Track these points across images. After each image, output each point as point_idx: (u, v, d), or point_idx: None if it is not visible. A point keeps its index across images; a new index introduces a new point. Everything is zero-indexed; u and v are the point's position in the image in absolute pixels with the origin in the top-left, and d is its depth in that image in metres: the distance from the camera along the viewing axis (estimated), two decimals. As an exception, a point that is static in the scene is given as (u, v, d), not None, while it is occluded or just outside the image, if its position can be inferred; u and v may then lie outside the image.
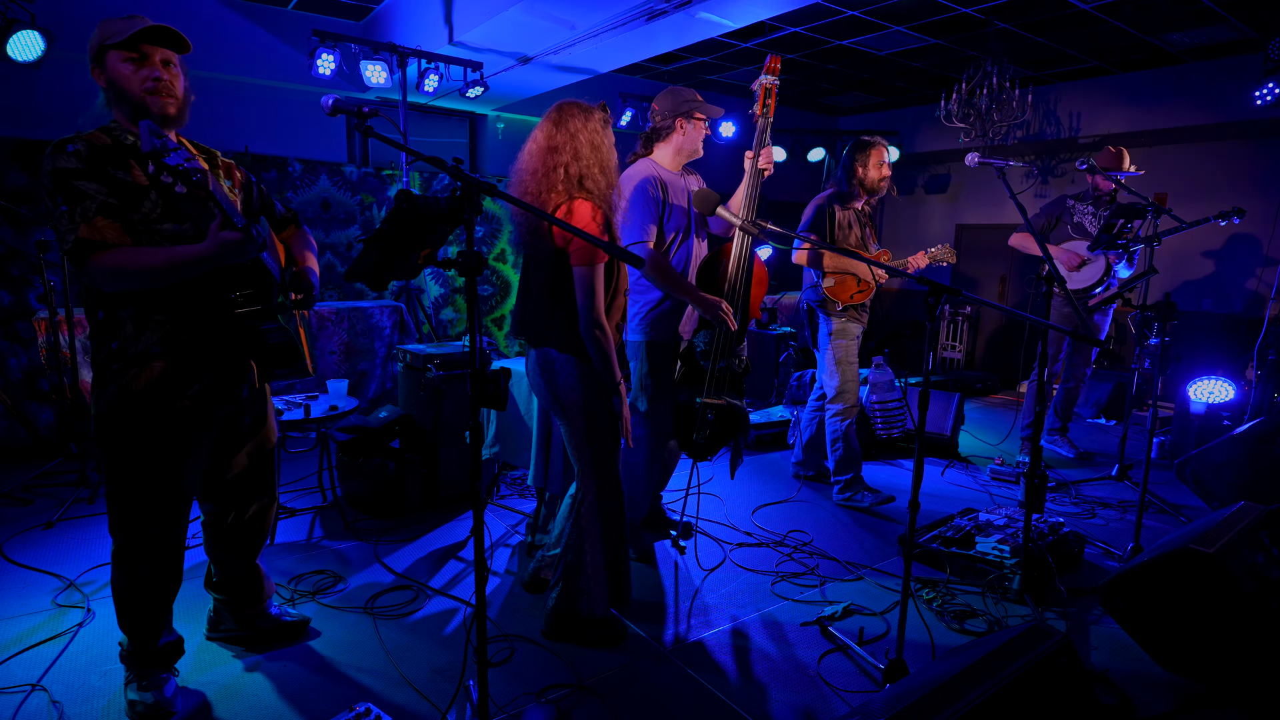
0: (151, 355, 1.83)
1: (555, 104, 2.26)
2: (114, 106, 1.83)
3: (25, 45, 3.91)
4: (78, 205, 1.69)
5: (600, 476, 2.31)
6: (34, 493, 3.67)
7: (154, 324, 1.83)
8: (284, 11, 5.73)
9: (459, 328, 6.49)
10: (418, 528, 3.36)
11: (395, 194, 5.35)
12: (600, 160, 2.19)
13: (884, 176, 3.65)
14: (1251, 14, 5.05)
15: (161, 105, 1.80)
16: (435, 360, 3.54)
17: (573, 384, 2.25)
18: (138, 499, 1.90)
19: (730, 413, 2.83)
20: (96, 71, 1.81)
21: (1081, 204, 4.48)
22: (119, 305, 1.82)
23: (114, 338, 1.82)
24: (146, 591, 1.99)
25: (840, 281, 3.65)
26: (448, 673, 2.25)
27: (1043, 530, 3.08)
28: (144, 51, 1.79)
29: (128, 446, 1.87)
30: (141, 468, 1.89)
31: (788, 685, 2.25)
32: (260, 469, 2.22)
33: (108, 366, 1.84)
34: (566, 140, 2.17)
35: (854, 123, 8.98)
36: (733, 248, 2.80)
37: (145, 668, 2.03)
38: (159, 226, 1.80)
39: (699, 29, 4.69)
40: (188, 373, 1.88)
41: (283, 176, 5.62)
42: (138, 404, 1.83)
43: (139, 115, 1.79)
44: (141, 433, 1.86)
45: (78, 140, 1.75)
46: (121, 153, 1.79)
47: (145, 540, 1.94)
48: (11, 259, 4.36)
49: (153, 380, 1.83)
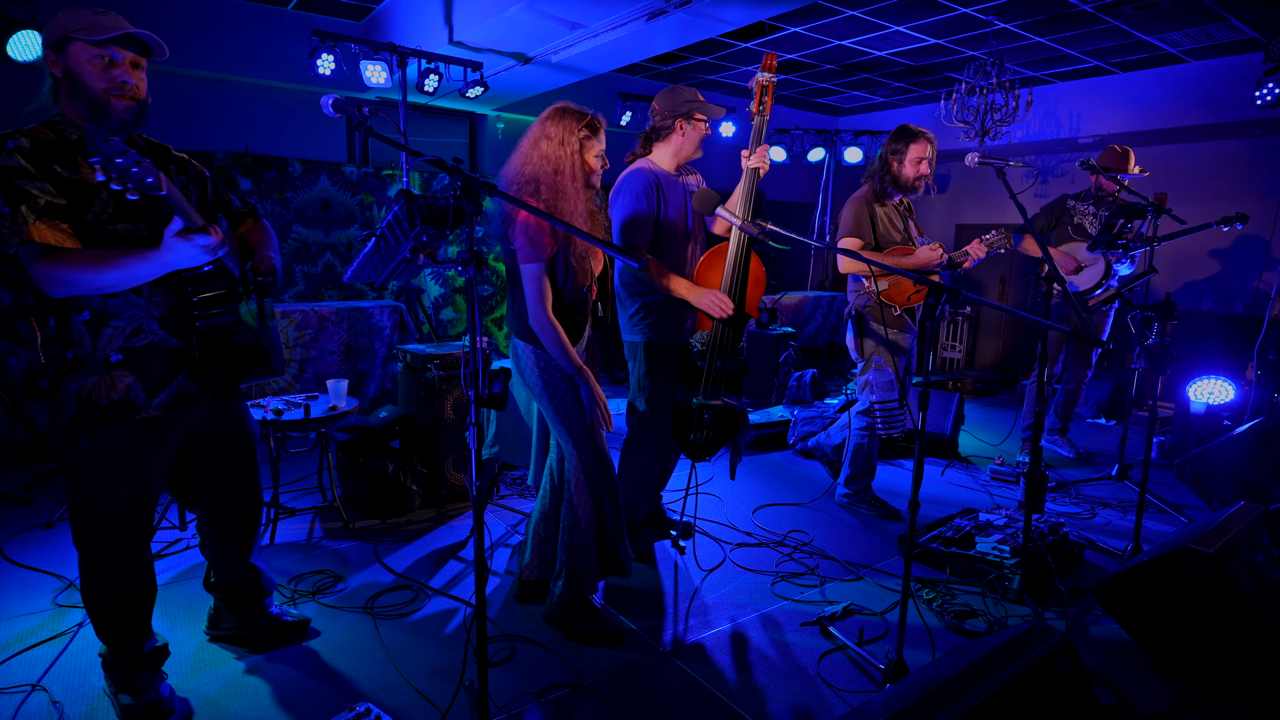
0: (111, 364, 1.75)
1: (550, 108, 2.33)
2: (66, 99, 1.72)
3: (25, 45, 3.91)
4: (20, 206, 1.59)
5: (581, 451, 2.38)
6: (34, 493, 3.67)
7: (111, 330, 1.75)
8: (284, 11, 5.73)
9: (459, 328, 6.49)
10: (418, 528, 3.36)
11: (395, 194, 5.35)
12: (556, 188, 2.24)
13: (920, 175, 3.31)
14: (1251, 14, 5.05)
15: (124, 109, 1.73)
16: (435, 360, 3.54)
17: (531, 367, 2.37)
18: (102, 511, 1.84)
19: (728, 413, 2.83)
20: (52, 59, 1.71)
21: (1082, 204, 4.47)
22: (72, 311, 1.73)
23: (69, 346, 1.73)
24: (120, 600, 1.94)
25: (895, 281, 3.30)
26: (448, 673, 2.25)
27: (1043, 530, 3.08)
28: (115, 52, 1.72)
29: (89, 459, 1.78)
30: (105, 480, 1.81)
31: (787, 685, 2.25)
32: (243, 469, 2.17)
33: (63, 376, 1.75)
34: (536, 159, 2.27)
35: (854, 123, 8.98)
36: (729, 248, 2.80)
37: (132, 674, 1.99)
38: (112, 227, 1.70)
39: (699, 29, 4.69)
40: (153, 381, 1.80)
41: (283, 176, 5.62)
42: (101, 416, 1.75)
43: (96, 114, 1.71)
44: (104, 444, 1.78)
45: (18, 136, 1.65)
46: (68, 149, 1.69)
47: (113, 551, 1.90)
48: (11, 259, 4.36)
49: (115, 390, 1.76)
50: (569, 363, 2.31)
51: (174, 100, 5.45)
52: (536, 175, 2.24)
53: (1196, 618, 2.17)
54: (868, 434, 3.61)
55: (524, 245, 2.21)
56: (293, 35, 5.72)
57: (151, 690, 2.00)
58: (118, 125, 1.73)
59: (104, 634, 1.99)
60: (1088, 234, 4.39)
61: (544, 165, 2.25)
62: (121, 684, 2.00)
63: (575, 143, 2.27)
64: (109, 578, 1.93)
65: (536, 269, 2.23)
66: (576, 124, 2.28)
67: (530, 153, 2.28)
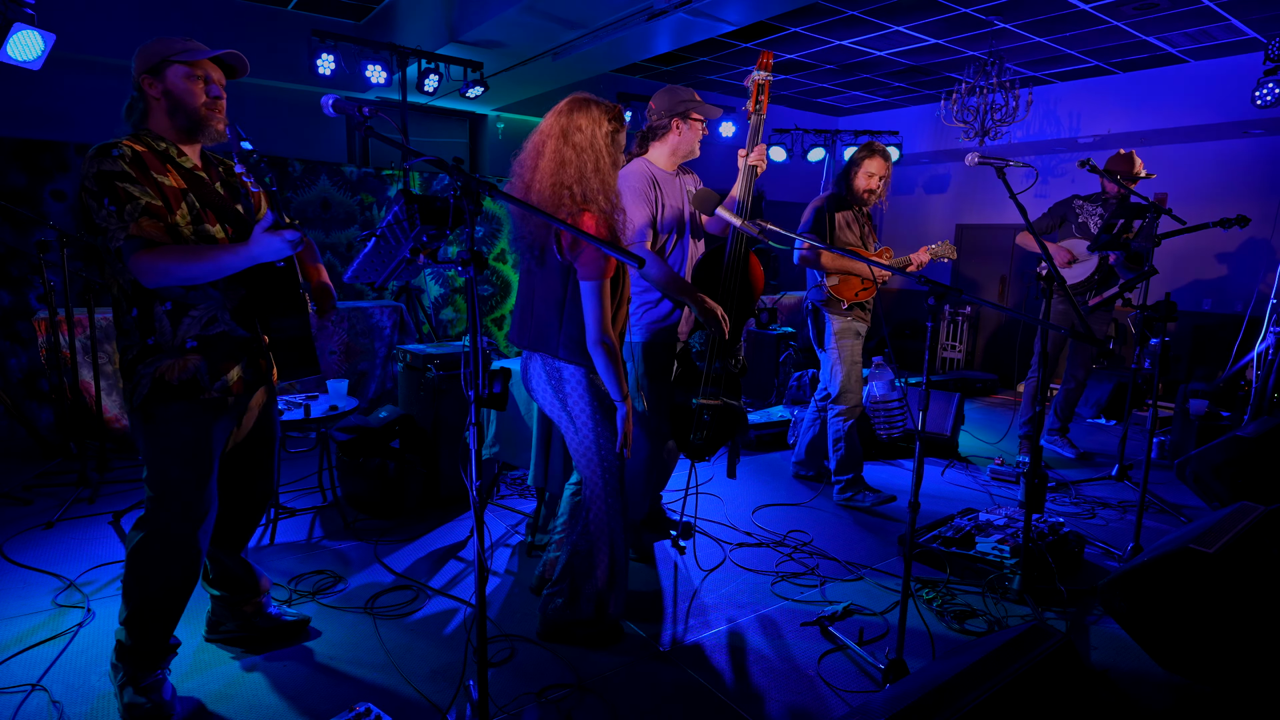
0: (186, 350, 1.92)
1: (567, 100, 2.21)
2: (162, 116, 1.93)
3: (25, 45, 3.90)
4: (125, 205, 1.78)
5: (608, 485, 2.30)
6: (34, 493, 3.67)
7: (189, 319, 1.92)
8: (284, 11, 5.73)
9: (459, 328, 6.49)
10: (418, 528, 3.36)
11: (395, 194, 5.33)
12: (603, 180, 2.15)
13: (870, 189, 3.61)
14: (1251, 14, 5.06)
15: (218, 120, 1.96)
16: (435, 360, 3.54)
17: (581, 394, 2.24)
18: (178, 491, 1.94)
19: (727, 413, 2.83)
20: (149, 81, 1.91)
21: (1090, 204, 4.47)
22: (155, 301, 1.89)
23: (150, 333, 1.90)
24: (177, 591, 2.00)
25: (844, 280, 3.65)
26: (448, 673, 2.25)
27: (1043, 530, 3.08)
28: (208, 71, 1.94)
29: (163, 435, 1.92)
30: (177, 457, 1.93)
31: (787, 685, 2.25)
32: (266, 464, 2.27)
33: (141, 360, 1.90)
34: (572, 157, 2.13)
35: (854, 123, 8.98)
36: (728, 248, 2.80)
37: (144, 668, 2.01)
38: (196, 228, 1.91)
39: (699, 29, 4.69)
40: (217, 366, 1.96)
41: (283, 176, 5.61)
42: (170, 394, 1.90)
43: (194, 128, 1.94)
44: (173, 420, 1.92)
45: (120, 145, 1.84)
46: (159, 159, 1.90)
47: (183, 534, 1.96)
48: (11, 259, 4.37)
49: (185, 371, 1.91)
50: (619, 388, 2.19)
51: (174, 100, 5.44)
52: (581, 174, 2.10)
53: (1197, 618, 2.17)
54: (841, 419, 3.75)
55: (593, 260, 2.07)
56: (293, 35, 5.73)
57: (155, 693, 2.00)
58: (214, 137, 1.98)
59: (138, 622, 1.99)
60: (1090, 234, 4.40)
61: (583, 162, 2.11)
62: (131, 679, 2.00)
63: (605, 134, 2.16)
64: (174, 567, 1.97)
65: (602, 285, 2.10)
66: (603, 115, 2.17)
67: (562, 150, 2.13)
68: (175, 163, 1.93)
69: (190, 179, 1.95)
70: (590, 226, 2.11)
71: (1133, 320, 3.52)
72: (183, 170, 1.94)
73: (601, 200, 2.14)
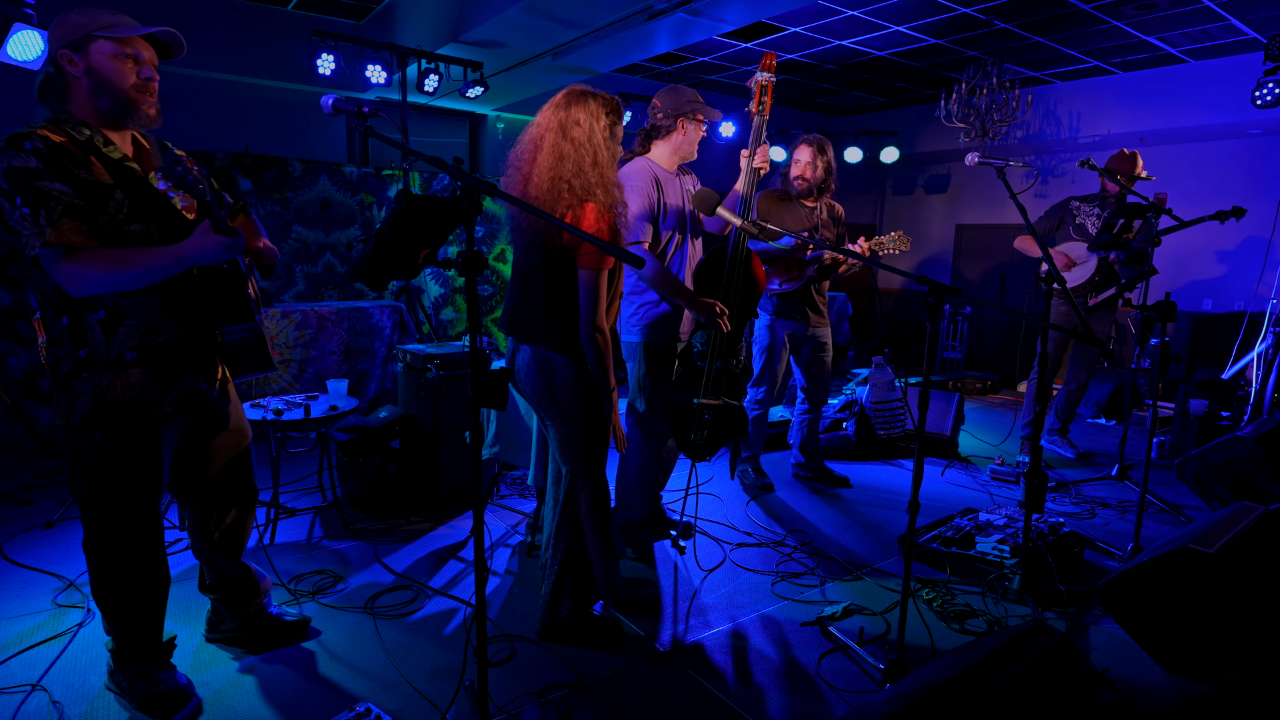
0: (125, 362, 1.77)
1: (564, 93, 2.19)
2: (85, 98, 1.73)
3: (25, 45, 3.90)
4: (41, 207, 1.59)
5: (593, 476, 2.32)
6: (34, 493, 3.67)
7: (126, 329, 1.76)
8: (284, 11, 5.73)
9: (459, 328, 6.49)
10: (418, 528, 3.36)
11: (395, 194, 5.35)
12: (601, 174, 2.15)
13: (799, 175, 3.57)
14: (1251, 14, 5.06)
15: (149, 104, 1.77)
16: (435, 360, 3.54)
17: (571, 385, 2.24)
18: (120, 508, 1.85)
19: (727, 413, 2.83)
20: (69, 57, 1.71)
21: (1087, 205, 4.47)
22: (86, 310, 1.73)
23: (81, 345, 1.74)
24: (138, 595, 1.95)
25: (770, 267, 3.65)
26: (448, 673, 2.25)
27: (1043, 530, 3.08)
28: (138, 50, 1.75)
29: (105, 456, 1.79)
30: (121, 476, 1.82)
31: (787, 685, 2.24)
32: (239, 467, 2.19)
33: (76, 375, 1.75)
34: (570, 151, 2.12)
35: (854, 123, 8.99)
36: (729, 248, 2.80)
37: (145, 666, 2.01)
38: (126, 227, 1.72)
39: (699, 29, 4.69)
40: (166, 379, 1.82)
41: (283, 176, 5.61)
42: (116, 414, 1.76)
43: (121, 113, 1.74)
44: (120, 441, 1.79)
45: (33, 136, 1.64)
46: (80, 149, 1.69)
47: (131, 546, 1.90)
48: (11, 259, 4.36)
49: (130, 388, 1.77)
50: (607, 378, 2.20)
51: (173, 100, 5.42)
52: (579, 168, 2.09)
53: (1197, 618, 2.17)
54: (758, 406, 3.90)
55: (592, 250, 2.07)
56: (293, 35, 5.73)
57: (167, 677, 2.00)
58: (145, 123, 1.78)
59: (118, 629, 1.99)
60: (1088, 235, 4.39)
61: (581, 156, 2.10)
62: (134, 675, 2.00)
63: (603, 128, 2.15)
64: (126, 574, 1.92)
65: (600, 277, 2.12)
66: (601, 108, 2.16)
67: (560, 145, 2.11)
68: (101, 153, 1.71)
69: (118, 172, 1.72)
70: (592, 217, 2.11)
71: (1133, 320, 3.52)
72: (109, 162, 1.72)
73: (600, 194, 2.14)
